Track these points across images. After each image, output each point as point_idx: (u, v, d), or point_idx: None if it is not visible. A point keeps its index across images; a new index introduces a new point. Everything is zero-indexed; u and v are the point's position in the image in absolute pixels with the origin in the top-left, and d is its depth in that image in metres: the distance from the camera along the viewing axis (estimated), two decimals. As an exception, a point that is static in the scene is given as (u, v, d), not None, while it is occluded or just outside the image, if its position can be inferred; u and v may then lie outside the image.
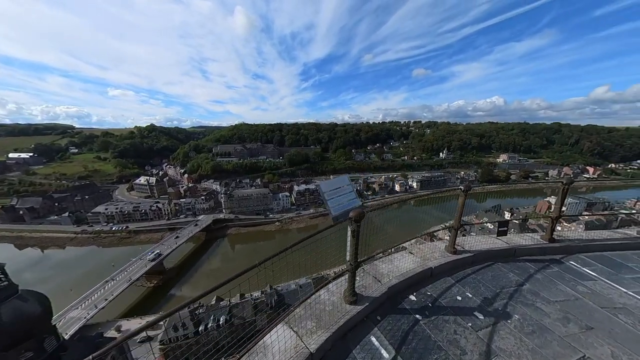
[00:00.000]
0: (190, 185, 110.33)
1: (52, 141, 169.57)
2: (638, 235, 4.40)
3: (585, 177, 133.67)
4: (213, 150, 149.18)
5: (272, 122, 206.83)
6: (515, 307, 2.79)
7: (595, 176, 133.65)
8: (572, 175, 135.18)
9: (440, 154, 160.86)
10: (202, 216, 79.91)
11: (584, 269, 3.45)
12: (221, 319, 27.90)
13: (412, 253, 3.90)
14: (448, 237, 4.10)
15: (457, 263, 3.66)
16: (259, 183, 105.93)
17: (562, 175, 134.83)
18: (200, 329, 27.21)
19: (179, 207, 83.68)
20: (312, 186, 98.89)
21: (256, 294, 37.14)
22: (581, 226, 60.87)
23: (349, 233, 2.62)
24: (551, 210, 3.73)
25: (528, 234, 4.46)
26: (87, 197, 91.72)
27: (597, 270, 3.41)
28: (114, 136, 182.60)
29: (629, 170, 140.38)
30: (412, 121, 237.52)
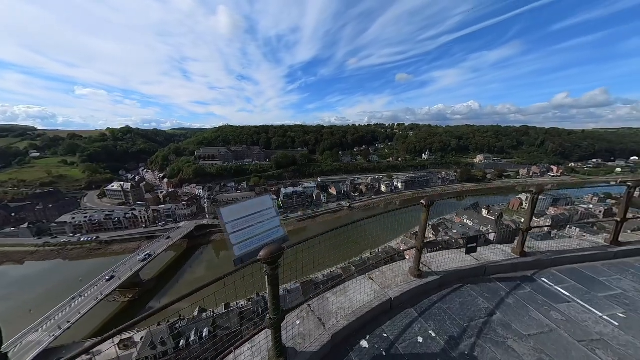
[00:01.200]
0: (170, 190, 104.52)
1: (8, 144, 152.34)
2: (606, 244, 4.27)
3: (550, 175, 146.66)
4: (195, 153, 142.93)
5: (258, 124, 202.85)
6: (484, 349, 2.42)
7: (559, 174, 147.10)
8: (539, 174, 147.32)
9: (423, 155, 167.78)
10: (183, 223, 75.82)
11: (556, 287, 3.25)
12: (204, 331, 26.37)
13: (371, 279, 3.34)
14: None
15: (422, 289, 3.18)
16: (245, 187, 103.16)
17: (530, 174, 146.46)
18: (181, 344, 25.48)
19: (157, 213, 78.73)
20: (299, 188, 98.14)
21: (242, 302, 35.75)
22: (548, 220, 66.44)
23: (267, 280, 1.85)
24: (521, 222, 3.69)
25: (499, 247, 4.16)
26: (50, 205, 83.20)
27: (570, 288, 3.22)
28: (83, 139, 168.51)
29: (585, 169, 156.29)
30: (396, 124, 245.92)
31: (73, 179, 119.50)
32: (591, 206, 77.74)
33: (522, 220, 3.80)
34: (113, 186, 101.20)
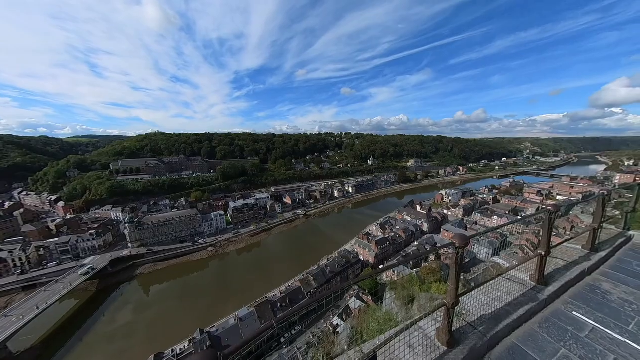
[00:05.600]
0: (69, 217, 78.98)
1: None
2: (532, 283, 3.67)
3: (459, 174, 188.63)
4: (112, 167, 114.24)
5: (200, 132, 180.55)
6: None
7: (464, 172, 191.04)
8: (452, 173, 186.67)
9: (368, 161, 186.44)
10: (90, 258, 57.82)
11: None
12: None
13: None
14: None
15: None
16: (184, 203, 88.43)
17: (446, 174, 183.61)
18: None
19: (46, 251, 57.54)
20: (251, 200, 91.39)
21: (181, 345, 29.22)
22: (461, 210, 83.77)
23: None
24: (444, 297, 2.75)
25: (422, 328, 2.92)
26: None
27: None
28: None
29: (479, 167, 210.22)
30: (343, 133, 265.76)
31: None
32: (484, 195, 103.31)
33: (445, 291, 2.73)
34: (-42, 220, 68.41)
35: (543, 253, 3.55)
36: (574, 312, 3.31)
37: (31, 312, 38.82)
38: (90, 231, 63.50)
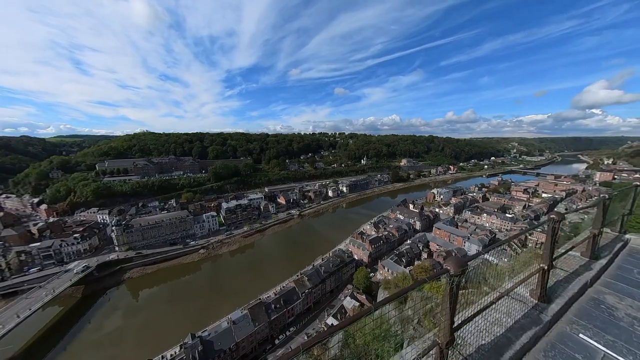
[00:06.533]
0: (52, 220, 75.58)
1: None
2: (534, 300, 3.29)
3: (450, 173, 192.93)
4: (97, 168, 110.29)
5: (191, 131, 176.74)
6: None
7: (455, 171, 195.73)
8: (444, 172, 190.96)
9: (362, 160, 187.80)
10: (75, 263, 55.56)
11: None
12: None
13: None
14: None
15: None
16: (174, 205, 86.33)
17: (437, 172, 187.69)
18: None
19: (27, 256, 54.84)
20: (244, 201, 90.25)
21: (172, 351, 28.51)
22: (452, 208, 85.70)
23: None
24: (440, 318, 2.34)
25: None
26: None
27: None
28: None
29: (469, 166, 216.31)
30: (337, 132, 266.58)
31: None
32: (474, 194, 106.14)
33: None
34: None
35: (546, 267, 3.12)
36: (580, 335, 2.95)
37: (11, 320, 36.91)
38: (75, 235, 60.97)
